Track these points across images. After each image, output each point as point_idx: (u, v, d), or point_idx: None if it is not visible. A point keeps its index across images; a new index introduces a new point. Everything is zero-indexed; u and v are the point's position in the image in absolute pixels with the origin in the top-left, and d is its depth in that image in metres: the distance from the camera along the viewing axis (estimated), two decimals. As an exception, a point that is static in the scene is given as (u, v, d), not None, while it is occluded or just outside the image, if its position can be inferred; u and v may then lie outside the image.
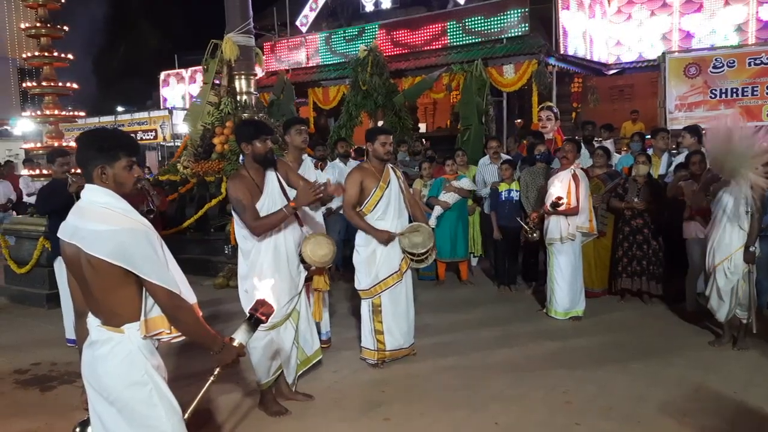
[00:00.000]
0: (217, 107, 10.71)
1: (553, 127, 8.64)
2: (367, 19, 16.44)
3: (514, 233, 7.27)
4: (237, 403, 4.47)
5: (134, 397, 2.43)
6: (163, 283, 2.39)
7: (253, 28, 10.84)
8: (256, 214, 3.96)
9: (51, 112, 8.63)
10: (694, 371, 4.82)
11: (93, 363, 2.46)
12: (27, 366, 5.45)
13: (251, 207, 3.96)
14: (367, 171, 5.03)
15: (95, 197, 2.44)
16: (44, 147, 8.60)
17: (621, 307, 6.73)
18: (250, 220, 3.95)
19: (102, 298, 2.41)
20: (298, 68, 16.68)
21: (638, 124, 13.12)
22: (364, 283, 5.06)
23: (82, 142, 2.53)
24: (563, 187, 6.19)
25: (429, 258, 5.06)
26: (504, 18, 13.31)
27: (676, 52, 11.74)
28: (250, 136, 4.04)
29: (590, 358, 5.18)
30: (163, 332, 2.49)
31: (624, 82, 15.87)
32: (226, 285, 8.10)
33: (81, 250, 2.36)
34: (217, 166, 9.83)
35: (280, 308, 3.98)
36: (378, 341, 5.07)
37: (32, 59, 8.74)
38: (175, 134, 19.78)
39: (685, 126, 7.71)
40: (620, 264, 6.80)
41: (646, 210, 6.62)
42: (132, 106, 26.16)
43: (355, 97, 13.18)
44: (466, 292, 7.67)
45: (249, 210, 3.95)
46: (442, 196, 7.71)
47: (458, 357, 5.30)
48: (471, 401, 4.41)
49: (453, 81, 13.27)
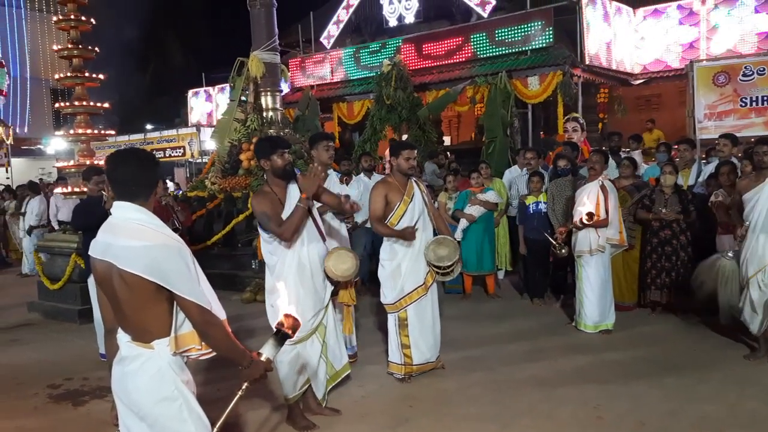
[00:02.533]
0: (244, 123, 10.85)
1: (579, 138, 8.59)
2: (390, 34, 16.53)
3: (544, 245, 7.20)
4: (265, 418, 4.48)
5: (164, 412, 2.45)
6: (196, 298, 2.41)
7: (278, 45, 10.98)
8: (280, 221, 4.01)
9: (83, 131, 8.81)
10: (730, 386, 4.71)
11: (123, 379, 2.48)
12: (60, 381, 5.53)
13: (276, 216, 4.01)
14: (391, 185, 5.04)
15: (128, 214, 2.47)
16: (76, 165, 8.76)
17: (652, 320, 6.62)
18: (275, 228, 4.00)
19: (133, 314, 2.44)
20: (323, 84, 16.82)
21: (655, 133, 12.96)
22: (389, 297, 5.05)
23: (144, 160, 2.55)
24: (592, 199, 6.12)
25: (454, 271, 5.03)
26: (528, 29, 13.28)
27: (704, 61, 11.59)
28: (268, 152, 4.09)
29: (622, 373, 5.10)
30: (193, 348, 2.51)
31: (651, 91, 15.69)
32: (254, 300, 8.14)
33: (113, 267, 2.39)
34: (244, 182, 9.94)
35: (305, 323, 3.99)
36: (405, 355, 5.04)
37: (64, 80, 8.94)
38: (203, 151, 20.07)
39: (722, 134, 7.55)
40: (649, 276, 6.69)
41: (674, 221, 6.51)
42: (160, 124, 26.60)
43: (380, 112, 13.24)
44: (494, 305, 7.61)
45: (274, 219, 4.00)
46: (467, 209, 7.68)
47: (487, 371, 5.25)
48: (500, 416, 4.36)
49: (477, 94, 13.27)
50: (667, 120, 13.85)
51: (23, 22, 27.82)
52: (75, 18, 8.57)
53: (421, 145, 12.16)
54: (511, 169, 9.04)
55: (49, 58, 27.78)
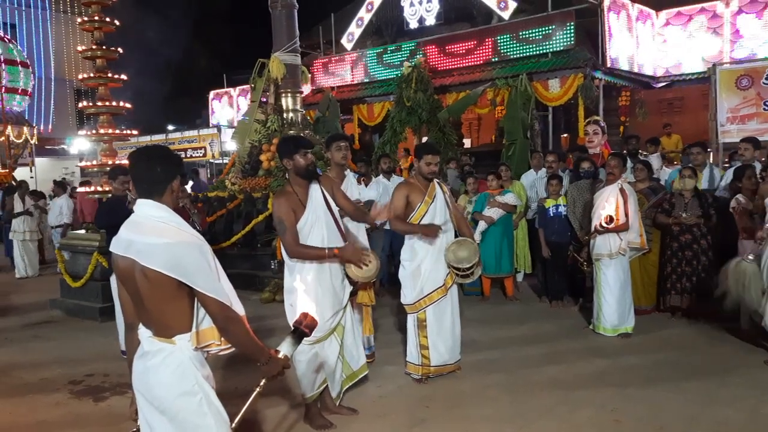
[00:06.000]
0: (264, 125, 10.92)
1: (600, 141, 8.53)
2: (411, 36, 16.54)
3: (564, 248, 7.18)
4: (283, 415, 4.51)
5: (185, 406, 2.48)
6: (216, 294, 2.45)
7: (299, 46, 11.04)
8: (295, 237, 4.06)
9: (105, 131, 8.93)
10: (750, 391, 4.66)
11: (145, 373, 2.52)
12: (81, 377, 5.62)
13: (292, 228, 4.06)
14: (413, 186, 5.05)
15: (151, 212, 2.52)
16: (99, 165, 8.88)
17: (671, 324, 6.55)
18: (288, 243, 4.07)
19: (155, 309, 2.48)
20: (344, 85, 16.88)
21: (674, 137, 12.83)
22: (409, 297, 5.06)
23: (156, 157, 2.58)
24: (611, 203, 6.08)
25: (474, 273, 5.03)
26: (549, 31, 13.22)
27: (727, 64, 11.45)
28: (291, 151, 4.13)
29: (640, 377, 5.06)
30: (213, 344, 2.55)
31: (673, 95, 15.54)
32: (273, 299, 8.19)
33: (136, 263, 2.43)
34: (264, 183, 10.01)
35: (323, 322, 4.03)
36: (423, 356, 5.05)
37: (88, 80, 9.07)
38: (224, 152, 20.23)
39: (744, 137, 7.47)
40: (669, 281, 6.63)
41: (695, 225, 6.45)
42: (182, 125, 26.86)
43: (400, 114, 13.25)
44: (512, 308, 7.59)
45: (289, 232, 4.05)
46: (486, 212, 7.67)
47: (504, 374, 5.24)
48: (517, 419, 4.35)
49: (498, 96, 13.23)
50: (690, 123, 13.70)
51: (48, 24, 28.24)
52: (99, 19, 8.70)
53: (441, 147, 12.15)
54: (527, 173, 9.01)
55: (73, 58, 28.17)
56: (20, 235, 11.80)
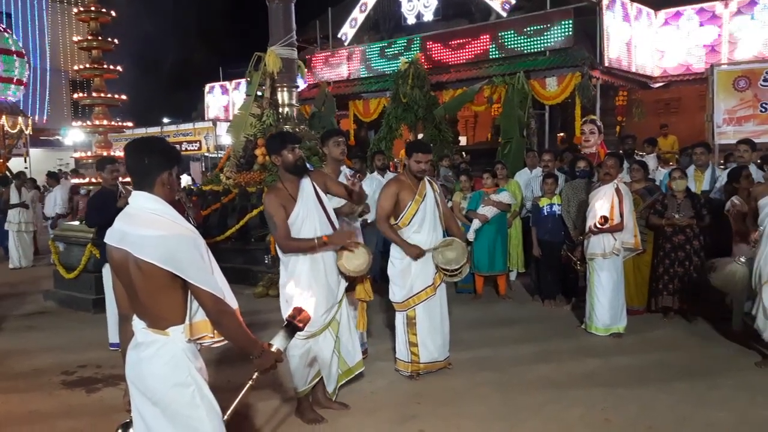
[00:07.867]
0: (260, 119, 10.89)
1: (596, 141, 8.54)
2: (408, 32, 16.52)
3: (557, 247, 7.19)
4: (275, 409, 4.52)
5: (177, 398, 2.49)
6: (209, 287, 2.45)
7: (295, 41, 11.01)
8: (287, 231, 4.07)
9: (100, 123, 8.90)
10: (741, 393, 4.68)
11: (138, 364, 2.52)
12: (74, 368, 5.61)
13: (282, 224, 4.06)
14: (403, 183, 5.02)
15: (145, 204, 2.51)
16: (94, 156, 8.86)
17: (663, 324, 6.57)
18: (280, 238, 4.08)
19: (148, 301, 2.48)
20: (340, 81, 16.85)
21: (670, 138, 12.86)
22: (398, 295, 5.06)
23: (144, 148, 2.57)
24: (606, 203, 6.08)
25: (462, 272, 5.03)
26: (547, 29, 13.22)
27: (725, 65, 11.48)
28: (278, 147, 4.12)
29: (631, 377, 5.08)
30: (206, 336, 2.56)
31: (670, 95, 15.57)
32: (266, 294, 8.19)
33: (129, 255, 2.42)
34: (259, 177, 9.98)
35: (317, 317, 4.02)
36: (412, 353, 5.05)
37: (83, 71, 9.04)
38: (219, 145, 20.18)
39: (740, 139, 7.48)
40: (661, 281, 6.65)
41: (687, 226, 6.47)
42: (177, 118, 26.77)
43: (396, 110, 13.23)
44: (505, 306, 7.60)
45: (280, 227, 4.05)
46: (480, 210, 7.68)
47: (496, 372, 5.25)
48: (508, 416, 4.37)
49: (494, 94, 13.24)
50: (686, 124, 13.72)
51: (44, 13, 28.10)
52: (95, 9, 8.67)
53: (436, 144, 12.14)
54: (522, 171, 9.02)
55: (68, 49, 28.06)
56: (15, 225, 11.77)
